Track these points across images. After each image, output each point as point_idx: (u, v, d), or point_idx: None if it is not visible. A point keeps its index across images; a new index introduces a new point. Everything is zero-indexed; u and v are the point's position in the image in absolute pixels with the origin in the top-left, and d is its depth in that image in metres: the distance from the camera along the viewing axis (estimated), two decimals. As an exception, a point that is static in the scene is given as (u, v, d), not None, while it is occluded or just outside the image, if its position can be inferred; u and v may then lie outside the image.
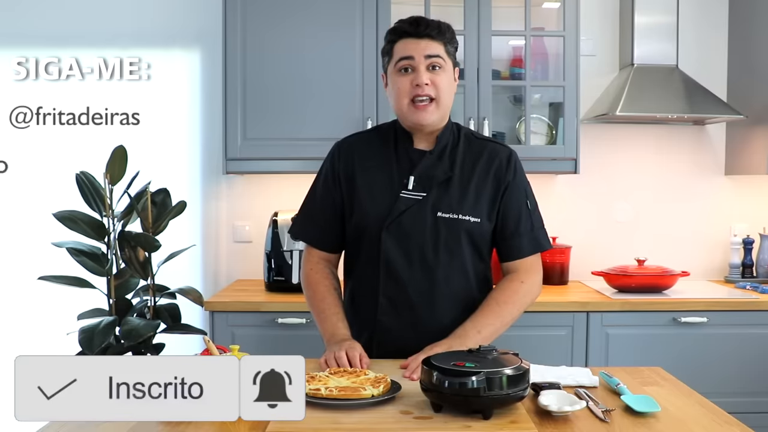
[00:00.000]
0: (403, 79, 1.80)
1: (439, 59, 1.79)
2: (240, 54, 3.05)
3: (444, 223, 1.80)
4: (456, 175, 1.83)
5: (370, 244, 1.84)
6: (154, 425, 1.40)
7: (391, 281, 1.82)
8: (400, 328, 1.81)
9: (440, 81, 1.79)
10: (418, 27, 1.80)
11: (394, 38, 1.82)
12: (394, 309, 1.82)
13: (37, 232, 2.08)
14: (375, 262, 1.83)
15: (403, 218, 1.81)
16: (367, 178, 1.86)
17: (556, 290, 3.15)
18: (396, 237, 1.81)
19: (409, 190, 1.82)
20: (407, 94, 1.79)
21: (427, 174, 1.83)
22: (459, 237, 1.81)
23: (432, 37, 1.79)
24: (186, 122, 3.40)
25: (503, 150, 1.90)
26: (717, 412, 1.49)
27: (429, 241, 1.81)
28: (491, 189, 1.84)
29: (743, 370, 2.91)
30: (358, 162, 1.89)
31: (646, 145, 3.48)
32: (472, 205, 1.82)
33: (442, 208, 1.81)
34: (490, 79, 3.10)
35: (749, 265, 3.37)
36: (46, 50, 2.02)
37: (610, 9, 3.43)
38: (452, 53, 1.84)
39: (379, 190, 1.84)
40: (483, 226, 1.84)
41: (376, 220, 1.82)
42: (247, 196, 3.42)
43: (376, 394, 1.43)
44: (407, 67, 1.79)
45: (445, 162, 1.84)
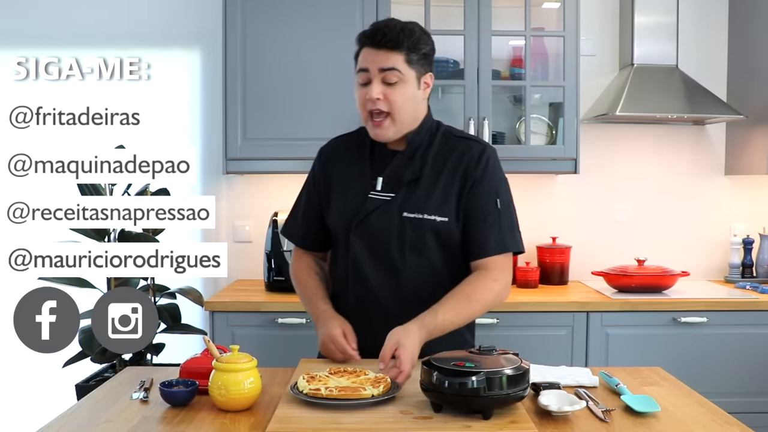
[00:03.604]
0: (360, 92, 1.78)
1: (395, 72, 1.74)
2: (240, 54, 3.05)
3: (410, 224, 1.78)
4: (425, 175, 1.81)
5: (342, 247, 1.86)
6: (154, 425, 1.41)
7: (358, 282, 1.82)
8: (371, 327, 1.79)
9: (395, 95, 1.75)
10: (375, 36, 1.74)
11: (359, 46, 1.80)
12: (363, 309, 1.82)
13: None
14: (345, 263, 1.84)
15: (370, 219, 1.80)
16: (342, 180, 1.88)
17: (556, 290, 3.15)
18: (363, 238, 1.81)
19: (377, 190, 1.81)
20: (363, 107, 1.78)
21: (396, 174, 1.82)
22: (425, 236, 1.79)
23: (390, 48, 1.73)
24: (186, 122, 3.40)
25: (476, 146, 1.84)
26: (717, 412, 1.49)
27: (395, 241, 1.79)
28: (459, 187, 1.80)
29: (743, 370, 2.91)
30: (336, 165, 1.91)
31: (646, 145, 3.48)
32: (438, 204, 1.79)
33: (407, 208, 1.79)
34: (490, 79, 3.10)
35: (749, 265, 3.37)
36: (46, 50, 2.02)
37: (610, 9, 3.43)
38: (416, 61, 1.77)
39: (352, 192, 1.85)
40: (451, 225, 1.79)
41: (345, 222, 1.83)
42: (247, 196, 3.42)
43: (376, 394, 1.43)
44: (364, 80, 1.77)
45: (416, 162, 1.82)
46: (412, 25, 1.80)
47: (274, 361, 1.93)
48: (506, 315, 2.85)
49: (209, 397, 1.49)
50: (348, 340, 1.76)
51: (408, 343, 1.59)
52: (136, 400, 1.56)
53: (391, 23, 1.78)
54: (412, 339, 1.61)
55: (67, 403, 1.65)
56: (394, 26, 1.76)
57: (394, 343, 1.59)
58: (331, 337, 1.76)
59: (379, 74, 1.74)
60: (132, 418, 1.44)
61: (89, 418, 1.47)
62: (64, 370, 2.88)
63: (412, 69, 1.77)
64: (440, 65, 3.21)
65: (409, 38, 1.75)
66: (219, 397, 1.46)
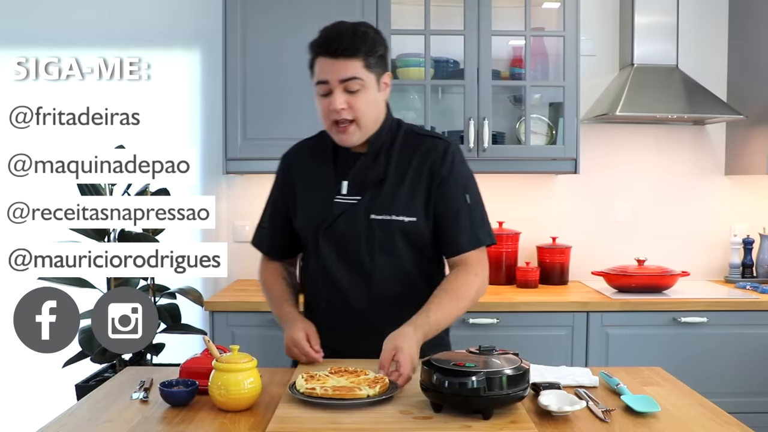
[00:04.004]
0: (322, 102, 1.76)
1: (356, 81, 1.72)
2: (240, 54, 3.05)
3: (378, 225, 1.78)
4: (390, 176, 1.80)
5: (311, 252, 1.85)
6: (154, 425, 1.41)
7: (330, 286, 1.82)
8: (344, 330, 1.80)
9: (358, 103, 1.73)
10: (329, 46, 1.72)
11: (313, 55, 1.77)
12: (335, 312, 1.82)
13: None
14: (315, 269, 1.84)
15: (338, 223, 1.79)
16: (307, 185, 1.87)
17: (556, 290, 3.15)
18: (332, 242, 1.80)
19: (343, 194, 1.81)
20: (327, 117, 1.77)
21: (360, 177, 1.81)
22: (394, 237, 1.78)
23: (347, 56, 1.71)
24: (186, 122, 3.40)
25: (440, 144, 1.83)
26: (717, 412, 1.49)
27: (364, 244, 1.78)
28: (426, 186, 1.79)
29: (743, 370, 2.91)
30: (300, 169, 1.90)
31: (646, 145, 3.48)
32: (405, 205, 1.78)
33: (374, 210, 1.78)
34: (490, 79, 3.10)
35: (749, 265, 3.37)
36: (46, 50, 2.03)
37: (610, 9, 3.43)
38: (374, 64, 1.75)
39: (317, 197, 1.84)
40: (420, 224, 1.79)
41: (313, 227, 1.82)
42: (247, 196, 3.41)
43: (371, 394, 1.43)
44: (325, 91, 1.75)
45: (379, 163, 1.81)
46: (364, 27, 1.77)
47: (274, 361, 1.93)
48: (506, 315, 2.85)
49: (209, 397, 1.49)
50: (311, 342, 1.76)
51: (406, 347, 1.59)
52: (136, 400, 1.56)
53: (341, 28, 1.75)
54: (409, 342, 1.61)
55: (67, 403, 1.65)
56: (345, 31, 1.73)
57: (392, 348, 1.58)
58: (293, 340, 1.76)
59: (340, 84, 1.72)
60: (132, 418, 1.44)
61: (89, 418, 1.47)
62: (64, 370, 2.88)
63: (372, 73, 1.75)
64: (440, 65, 3.22)
65: (364, 43, 1.73)
66: (219, 397, 1.46)
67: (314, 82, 1.77)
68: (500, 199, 3.43)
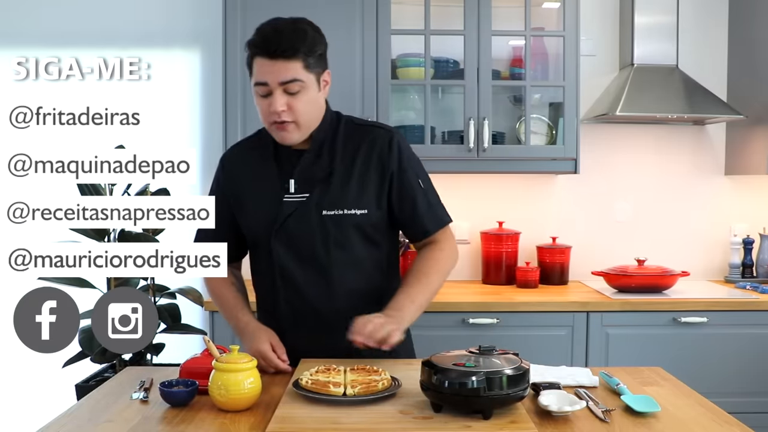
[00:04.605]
0: (262, 102, 1.74)
1: (296, 83, 1.70)
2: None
3: (330, 221, 1.78)
4: (337, 170, 1.80)
5: (263, 253, 1.84)
6: (154, 425, 1.41)
7: (288, 287, 1.81)
8: (305, 330, 1.80)
9: (298, 104, 1.72)
10: (268, 47, 1.68)
11: (251, 54, 1.73)
12: (296, 312, 1.81)
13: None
14: (270, 271, 1.82)
15: (289, 222, 1.78)
16: (250, 186, 1.85)
17: (556, 290, 3.15)
18: (285, 242, 1.79)
19: (291, 193, 1.79)
20: (267, 118, 1.75)
21: (307, 174, 1.80)
22: (348, 232, 1.79)
23: (286, 58, 1.68)
24: (186, 122, 3.40)
25: (383, 134, 1.83)
26: (717, 412, 1.49)
27: (318, 241, 1.78)
28: (376, 177, 1.80)
29: (743, 370, 2.91)
30: (242, 171, 1.88)
31: (646, 145, 3.48)
32: (356, 198, 1.79)
33: (325, 206, 1.78)
34: (490, 79, 3.10)
35: (749, 265, 3.37)
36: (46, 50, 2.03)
37: (610, 9, 3.43)
38: (314, 64, 1.73)
39: (264, 198, 1.82)
40: (372, 216, 1.80)
41: (264, 228, 1.81)
42: (247, 196, 3.41)
43: (349, 393, 1.44)
44: (264, 92, 1.72)
45: (324, 158, 1.80)
46: (303, 25, 1.75)
47: (274, 361, 1.93)
48: (506, 315, 2.85)
49: (209, 397, 1.49)
50: (278, 353, 1.74)
51: (385, 322, 1.65)
52: (136, 400, 1.56)
53: (279, 26, 1.72)
54: (396, 322, 1.67)
55: (67, 403, 1.65)
56: (284, 31, 1.70)
57: (381, 324, 1.63)
58: (260, 353, 1.73)
59: (280, 86, 1.70)
60: (132, 418, 1.44)
61: (89, 418, 1.47)
62: (64, 370, 2.88)
63: (311, 73, 1.73)
64: (440, 65, 3.22)
65: (303, 42, 1.71)
66: (219, 397, 1.46)
67: (252, 83, 1.75)
68: (500, 199, 3.43)
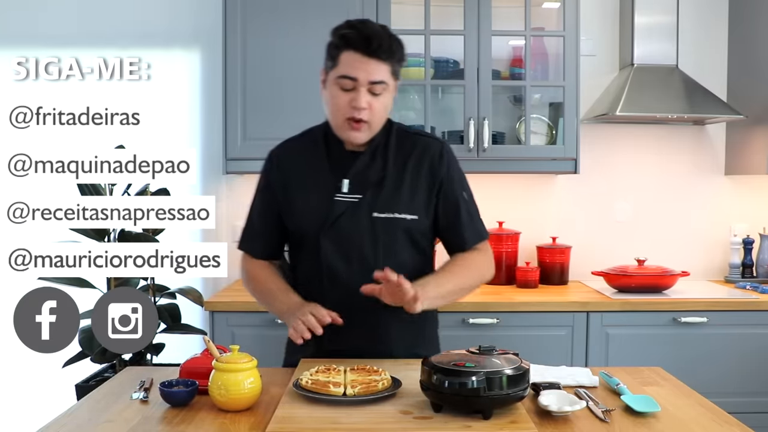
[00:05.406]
0: (342, 96, 1.74)
1: (381, 85, 1.73)
2: (240, 54, 3.05)
3: (381, 223, 1.79)
4: (389, 174, 1.82)
5: (310, 251, 1.84)
6: (154, 425, 1.41)
7: (334, 286, 1.81)
8: (346, 331, 1.79)
9: (378, 105, 1.74)
10: (369, 45, 1.70)
11: (342, 45, 1.73)
12: (342, 313, 1.79)
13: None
14: (317, 269, 1.82)
15: (340, 222, 1.79)
16: (301, 186, 1.86)
17: (556, 290, 3.15)
18: (334, 241, 1.80)
19: (344, 193, 1.80)
20: (344, 112, 1.75)
21: (361, 175, 1.81)
22: (397, 236, 1.81)
23: (381, 59, 1.71)
24: (186, 122, 3.40)
25: (435, 144, 1.87)
26: (717, 412, 1.49)
27: (367, 242, 1.79)
28: (426, 185, 1.82)
29: (743, 370, 2.91)
30: (290, 171, 1.88)
31: (646, 145, 3.48)
32: (407, 203, 1.81)
33: (377, 208, 1.79)
34: (490, 79, 3.10)
35: (749, 265, 3.37)
36: (46, 50, 2.03)
37: (610, 9, 3.43)
38: (397, 72, 1.77)
39: (314, 196, 1.83)
40: (421, 222, 1.82)
41: (313, 226, 1.81)
42: (247, 196, 3.37)
43: (349, 393, 1.44)
44: (349, 87, 1.72)
45: (377, 162, 1.82)
46: (394, 34, 1.77)
47: (274, 361, 1.93)
48: (506, 315, 2.85)
49: (209, 397, 1.49)
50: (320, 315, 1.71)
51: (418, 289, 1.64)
52: (136, 400, 1.56)
53: (376, 27, 1.74)
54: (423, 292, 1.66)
55: (67, 403, 1.65)
56: (382, 34, 1.73)
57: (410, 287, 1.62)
58: (311, 307, 1.73)
59: (368, 85, 1.72)
60: (132, 418, 1.44)
61: (89, 418, 1.47)
62: (64, 370, 2.88)
63: (393, 79, 1.77)
64: (440, 65, 3.22)
65: (399, 49, 1.76)
66: (219, 397, 1.46)
67: (335, 74, 1.74)
68: (500, 199, 3.43)
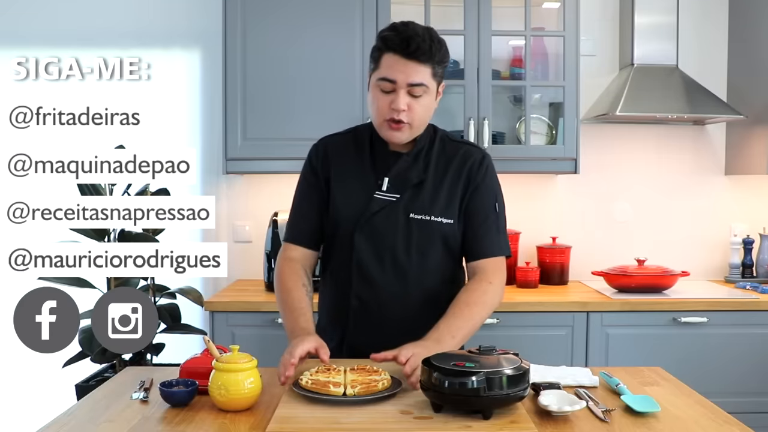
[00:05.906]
0: (382, 98, 1.76)
1: (421, 87, 1.74)
2: (240, 54, 3.05)
3: (416, 225, 1.80)
4: (429, 178, 1.83)
5: (342, 245, 1.84)
6: (154, 425, 1.41)
7: (362, 282, 1.82)
8: (371, 328, 1.80)
9: (418, 107, 1.76)
10: (408, 47, 1.71)
11: (383, 48, 1.75)
12: (366, 310, 1.82)
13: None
14: (347, 263, 1.83)
15: (376, 219, 1.80)
16: (343, 179, 1.86)
17: (556, 290, 3.15)
18: (368, 237, 1.81)
19: (383, 191, 1.82)
20: (384, 114, 1.77)
21: (402, 176, 1.82)
22: (431, 238, 1.81)
23: (421, 61, 1.72)
24: (186, 122, 3.40)
25: (477, 152, 1.88)
26: (717, 412, 1.49)
27: (401, 242, 1.80)
28: (462, 190, 1.84)
29: (743, 370, 2.91)
30: (335, 162, 1.89)
31: (646, 145, 3.48)
32: (444, 207, 1.82)
33: (414, 209, 1.81)
34: (490, 79, 3.10)
35: (749, 265, 3.37)
36: (46, 50, 2.03)
37: (610, 9, 3.43)
38: (439, 74, 1.78)
39: (354, 191, 1.84)
40: (455, 227, 1.84)
41: (349, 220, 1.82)
42: (247, 196, 3.42)
43: (349, 393, 1.44)
44: (389, 89, 1.74)
45: (419, 164, 1.84)
46: (436, 35, 1.77)
47: (274, 361, 1.93)
48: (506, 315, 2.85)
49: (209, 397, 1.49)
50: (319, 353, 1.64)
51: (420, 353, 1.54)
52: (136, 400, 1.56)
53: (417, 30, 1.73)
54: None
55: (67, 403, 1.65)
56: (423, 36, 1.72)
57: (409, 352, 1.55)
58: (292, 347, 1.63)
59: (406, 87, 1.74)
60: (132, 418, 1.44)
61: (89, 418, 1.47)
62: (64, 370, 2.88)
63: (435, 81, 1.78)
64: (440, 65, 3.21)
65: (439, 51, 1.75)
66: (219, 397, 1.46)
67: (376, 77, 1.77)
68: (500, 199, 3.42)
